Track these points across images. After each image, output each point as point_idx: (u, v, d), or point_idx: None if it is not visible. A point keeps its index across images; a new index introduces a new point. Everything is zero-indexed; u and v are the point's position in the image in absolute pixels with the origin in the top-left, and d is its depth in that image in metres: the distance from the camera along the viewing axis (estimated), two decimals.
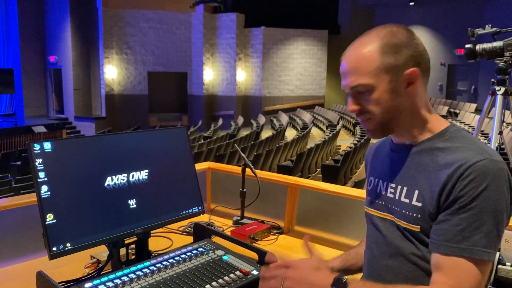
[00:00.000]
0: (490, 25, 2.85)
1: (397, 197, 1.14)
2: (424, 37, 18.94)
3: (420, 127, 1.14)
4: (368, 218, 1.27)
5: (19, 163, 9.67)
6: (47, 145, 1.26)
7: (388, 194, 1.18)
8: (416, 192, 1.09)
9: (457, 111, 15.14)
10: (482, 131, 7.59)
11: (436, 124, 1.14)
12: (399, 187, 1.14)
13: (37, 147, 1.24)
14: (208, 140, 11.45)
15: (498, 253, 1.46)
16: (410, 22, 18.75)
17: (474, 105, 15.70)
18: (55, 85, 17.99)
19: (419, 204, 1.07)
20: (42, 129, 14.37)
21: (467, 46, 2.78)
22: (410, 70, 1.09)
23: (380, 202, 1.20)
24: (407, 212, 1.10)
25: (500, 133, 2.89)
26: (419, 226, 1.07)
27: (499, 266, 1.46)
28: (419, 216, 1.07)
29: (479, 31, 2.86)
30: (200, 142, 10.99)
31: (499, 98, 2.85)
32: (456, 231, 0.99)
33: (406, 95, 1.10)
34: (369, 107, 1.11)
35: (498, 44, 2.68)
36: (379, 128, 1.13)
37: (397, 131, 1.15)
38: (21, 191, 5.97)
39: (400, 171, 1.16)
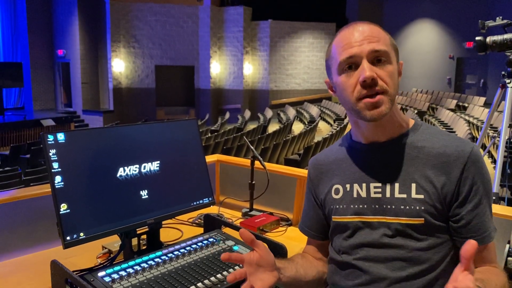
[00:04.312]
0: (501, 17, 2.83)
1: (387, 195, 1.10)
2: (432, 30, 18.79)
3: (400, 119, 1.15)
4: (343, 228, 1.16)
5: (28, 156, 9.76)
6: (61, 136, 1.27)
7: (373, 195, 1.12)
8: (413, 185, 1.07)
9: (466, 105, 15.03)
10: (491, 124, 7.53)
11: (406, 119, 1.17)
12: (388, 185, 1.10)
13: (51, 138, 1.26)
14: (215, 133, 11.47)
15: (508, 245, 1.46)
16: (418, 15, 18.59)
17: (483, 99, 15.58)
18: (63, 79, 18.10)
19: (421, 196, 1.06)
20: (50, 122, 14.48)
21: (477, 38, 2.77)
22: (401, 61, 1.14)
23: (361, 206, 1.13)
24: (407, 207, 1.07)
25: (510, 126, 2.87)
26: (422, 218, 1.05)
27: (509, 258, 1.46)
28: (423, 208, 1.05)
29: (490, 23, 2.84)
30: (207, 136, 11.01)
31: (510, 91, 2.83)
32: (487, 218, 1.07)
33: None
34: (385, 78, 1.05)
35: (509, 36, 2.67)
36: (389, 106, 1.06)
37: (387, 119, 1.09)
38: (31, 184, 6.03)
39: (383, 169, 1.12)
